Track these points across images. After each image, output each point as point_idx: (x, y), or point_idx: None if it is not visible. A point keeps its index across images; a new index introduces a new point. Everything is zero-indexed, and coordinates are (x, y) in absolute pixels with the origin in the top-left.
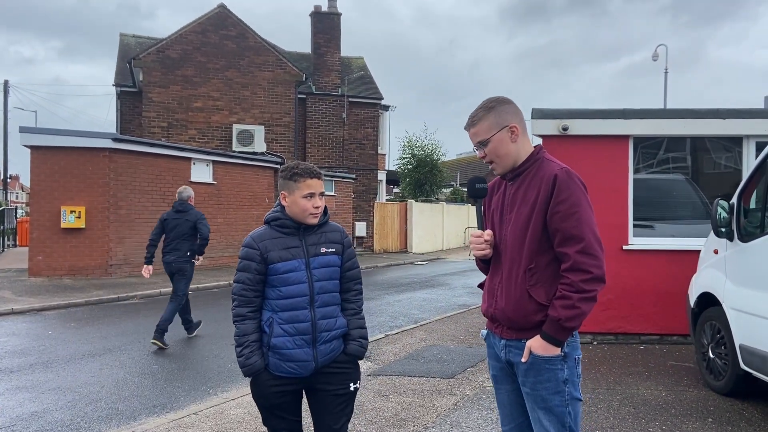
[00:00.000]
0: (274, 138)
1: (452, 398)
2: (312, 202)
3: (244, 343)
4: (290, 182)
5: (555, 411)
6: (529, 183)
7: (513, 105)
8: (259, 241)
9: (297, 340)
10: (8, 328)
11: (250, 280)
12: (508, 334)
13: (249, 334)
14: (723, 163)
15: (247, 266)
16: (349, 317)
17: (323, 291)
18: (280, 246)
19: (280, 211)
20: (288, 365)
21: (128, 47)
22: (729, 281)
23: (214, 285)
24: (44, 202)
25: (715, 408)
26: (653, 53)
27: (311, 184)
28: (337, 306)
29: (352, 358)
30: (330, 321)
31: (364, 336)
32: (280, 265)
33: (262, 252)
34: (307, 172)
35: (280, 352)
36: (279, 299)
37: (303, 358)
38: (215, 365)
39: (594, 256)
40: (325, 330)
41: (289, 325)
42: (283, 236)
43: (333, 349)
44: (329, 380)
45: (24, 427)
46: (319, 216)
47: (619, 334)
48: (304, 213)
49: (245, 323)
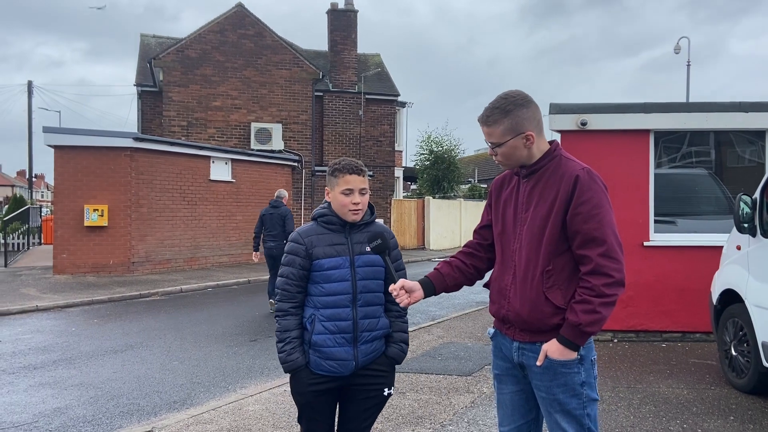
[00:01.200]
0: (292, 136)
1: (469, 396)
2: (350, 198)
3: (285, 339)
4: (332, 178)
5: (573, 414)
6: (546, 181)
7: (531, 108)
8: (305, 236)
9: (338, 338)
10: (33, 325)
11: (293, 275)
12: (522, 336)
13: (291, 330)
14: (747, 157)
15: (292, 261)
16: (393, 319)
17: (366, 290)
18: (325, 242)
19: (327, 207)
20: (328, 363)
21: (149, 47)
22: (752, 278)
23: (233, 282)
24: (68, 201)
25: (737, 406)
26: (675, 46)
27: (350, 180)
28: (380, 306)
29: (391, 361)
30: (372, 321)
31: (406, 340)
32: (324, 261)
33: (307, 247)
34: (347, 168)
35: (321, 349)
36: (321, 296)
37: (343, 356)
38: (234, 362)
39: (616, 259)
40: (366, 330)
41: (331, 322)
42: (329, 233)
43: (374, 350)
44: (365, 382)
45: (47, 423)
46: (361, 214)
47: (640, 332)
48: (344, 209)
49: (287, 319)
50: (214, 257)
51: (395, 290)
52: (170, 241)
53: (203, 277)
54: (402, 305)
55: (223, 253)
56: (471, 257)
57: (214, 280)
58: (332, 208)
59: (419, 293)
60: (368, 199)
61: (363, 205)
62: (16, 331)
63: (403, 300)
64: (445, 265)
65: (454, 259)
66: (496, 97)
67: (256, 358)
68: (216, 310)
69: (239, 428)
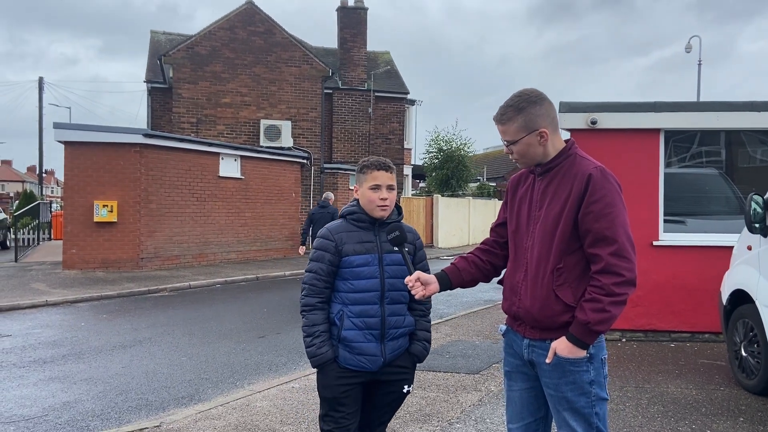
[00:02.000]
0: (301, 133)
1: (477, 394)
2: (378, 194)
3: (314, 333)
4: (360, 174)
5: (581, 412)
6: (560, 180)
7: (545, 105)
8: (336, 233)
9: (367, 335)
10: (42, 320)
11: (322, 270)
12: (532, 333)
13: (319, 324)
14: (759, 157)
15: (321, 256)
16: (417, 318)
17: (393, 288)
18: (355, 239)
19: (356, 205)
20: (358, 358)
21: (159, 44)
22: (763, 278)
23: (242, 278)
24: (77, 197)
25: (747, 407)
26: (686, 45)
27: (377, 176)
28: (405, 304)
29: (413, 359)
30: (399, 318)
31: (429, 339)
32: (354, 258)
33: (337, 243)
34: (375, 164)
35: (351, 345)
36: (350, 292)
37: (373, 352)
38: (242, 358)
39: (627, 258)
40: (393, 327)
41: (359, 319)
42: (358, 230)
43: (400, 346)
44: (387, 379)
45: (56, 416)
46: (388, 210)
47: (649, 332)
48: (371, 204)
49: (314, 313)
50: (223, 254)
51: (411, 281)
52: (179, 238)
53: (212, 274)
54: (417, 297)
55: (231, 250)
56: (487, 254)
57: (222, 277)
58: (360, 205)
59: (435, 286)
60: (395, 196)
61: (390, 202)
62: (26, 326)
63: (418, 291)
64: (461, 260)
65: (471, 255)
66: (511, 96)
67: (264, 355)
68: (224, 306)
69: (247, 424)
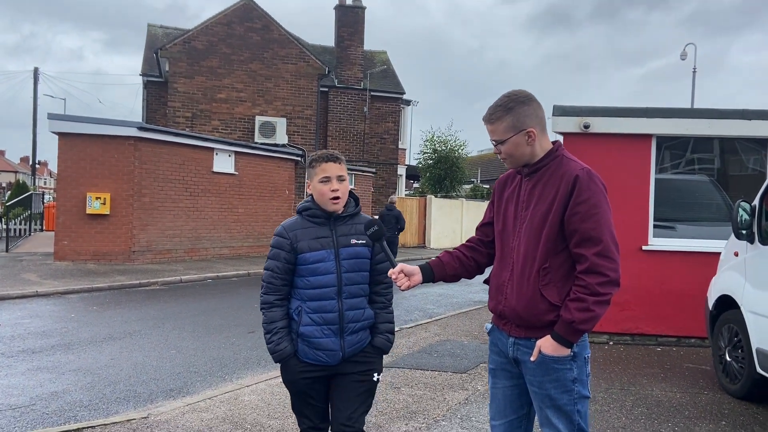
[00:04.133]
0: (296, 130)
1: (464, 393)
2: (329, 186)
3: (273, 330)
4: (310, 169)
5: (564, 410)
6: (547, 180)
7: (533, 105)
8: (290, 230)
9: (325, 330)
10: (32, 310)
11: (278, 269)
12: (517, 332)
13: (277, 321)
14: (751, 165)
15: (277, 254)
16: (378, 310)
17: (351, 282)
18: (310, 236)
19: (310, 201)
20: (317, 353)
21: (155, 38)
22: (748, 284)
23: (233, 274)
24: (70, 188)
25: (730, 411)
26: (681, 52)
27: (326, 168)
28: (364, 297)
29: (377, 351)
30: (357, 312)
31: (391, 330)
32: (309, 254)
33: (292, 241)
34: (323, 157)
35: (309, 340)
36: (307, 289)
37: (331, 347)
38: (231, 352)
39: (611, 259)
40: (352, 321)
41: (317, 314)
42: (314, 226)
43: (360, 340)
44: (354, 370)
45: (44, 406)
46: (341, 203)
47: (636, 335)
48: (323, 198)
49: (273, 311)
50: (215, 249)
51: (394, 273)
52: (171, 232)
53: (203, 268)
54: (402, 288)
55: (224, 245)
56: (472, 251)
57: (214, 272)
58: (315, 200)
59: (418, 277)
60: (347, 187)
61: (342, 193)
62: (16, 316)
63: (403, 283)
64: (446, 254)
65: (456, 250)
66: (500, 96)
67: (254, 350)
68: (215, 301)
69: (234, 417)
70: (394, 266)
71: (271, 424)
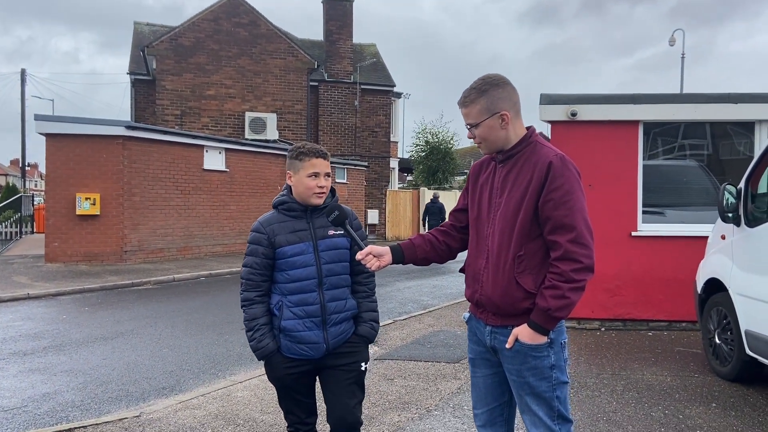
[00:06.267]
0: (287, 126)
1: (456, 382)
2: (316, 181)
3: (254, 327)
4: (296, 161)
5: (543, 396)
6: (521, 167)
7: (507, 88)
8: (267, 225)
9: (307, 323)
10: (24, 313)
11: (257, 264)
12: (494, 320)
13: (258, 318)
14: (741, 149)
15: (255, 250)
16: (361, 299)
17: (331, 273)
18: (287, 229)
19: (286, 194)
20: (299, 347)
21: (142, 35)
22: (735, 267)
23: (227, 271)
24: (60, 189)
25: (720, 393)
26: (670, 38)
27: (316, 164)
28: (346, 288)
29: (362, 340)
30: (339, 303)
31: (375, 319)
32: (287, 248)
33: (269, 236)
34: (313, 152)
35: (291, 334)
36: (287, 282)
37: (314, 340)
38: (224, 349)
39: (585, 245)
40: (334, 312)
41: (299, 307)
42: (290, 219)
43: (343, 331)
44: (340, 362)
45: (35, 407)
46: (324, 197)
47: (627, 321)
48: (308, 192)
49: (253, 308)
50: (207, 247)
51: (363, 255)
52: (163, 231)
53: (196, 267)
54: (372, 269)
55: (216, 243)
56: (445, 235)
57: (206, 270)
58: (293, 193)
59: (387, 257)
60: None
61: (327, 189)
62: (7, 318)
63: (372, 264)
64: (418, 237)
65: (429, 234)
66: (475, 80)
67: (246, 346)
68: (208, 298)
69: (227, 413)
70: (362, 249)
71: (263, 419)
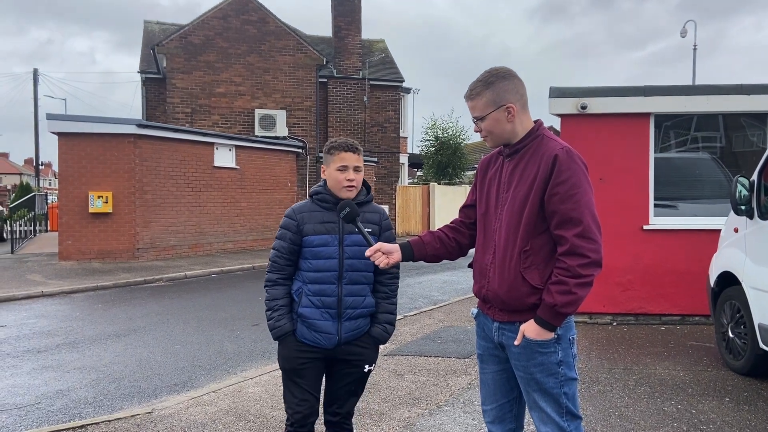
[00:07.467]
0: (296, 122)
1: (466, 378)
2: (345, 174)
3: (273, 307)
4: (327, 155)
5: (551, 393)
6: (528, 161)
7: (513, 81)
8: (298, 212)
9: (323, 313)
10: (38, 310)
11: (284, 249)
12: (501, 316)
13: (279, 299)
14: (754, 141)
15: (283, 235)
16: (380, 300)
17: (352, 269)
18: (316, 219)
19: (322, 186)
20: (314, 335)
21: (152, 34)
22: (749, 260)
23: (238, 268)
24: (72, 188)
25: (733, 387)
26: (682, 29)
27: (345, 157)
28: (366, 285)
29: (373, 341)
30: (357, 299)
31: (391, 321)
32: (313, 237)
33: (299, 223)
34: (343, 146)
35: (308, 321)
36: (309, 271)
37: (328, 330)
38: (235, 345)
39: (592, 240)
40: (350, 307)
41: (317, 297)
42: (321, 210)
43: (358, 327)
44: (347, 358)
45: (49, 404)
46: (355, 191)
47: (640, 315)
48: (338, 185)
49: (275, 288)
50: (219, 243)
51: (372, 252)
52: (175, 228)
53: (208, 264)
54: (381, 266)
55: (227, 240)
56: (454, 231)
57: (218, 266)
58: (327, 186)
59: (397, 255)
60: (362, 177)
61: (357, 183)
62: (21, 316)
63: (381, 261)
64: (428, 234)
65: (438, 231)
66: (481, 73)
67: (258, 342)
68: (219, 295)
69: (238, 409)
70: (371, 245)
71: (274, 414)
